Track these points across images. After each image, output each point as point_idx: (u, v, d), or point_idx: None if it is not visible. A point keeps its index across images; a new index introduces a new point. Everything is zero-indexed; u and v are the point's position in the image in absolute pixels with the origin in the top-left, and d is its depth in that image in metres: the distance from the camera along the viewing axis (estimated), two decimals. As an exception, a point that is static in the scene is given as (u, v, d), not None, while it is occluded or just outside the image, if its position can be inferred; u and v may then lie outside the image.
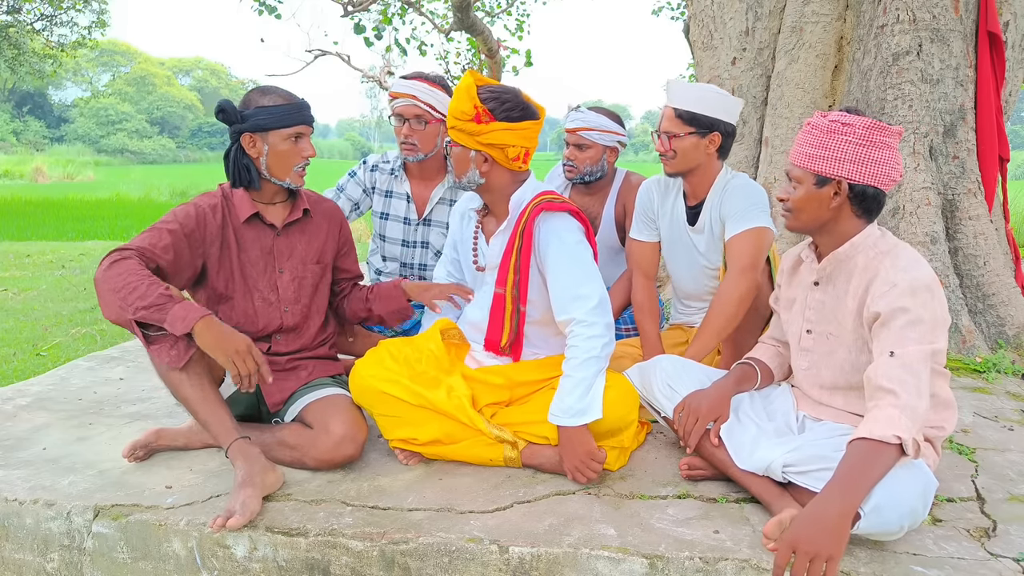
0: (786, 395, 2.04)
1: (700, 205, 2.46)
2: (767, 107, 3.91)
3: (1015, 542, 1.69)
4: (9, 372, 3.70)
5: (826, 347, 1.88)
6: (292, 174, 2.09)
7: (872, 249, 1.78)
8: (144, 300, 1.78)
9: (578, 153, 2.85)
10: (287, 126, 2.04)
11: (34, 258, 7.44)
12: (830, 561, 1.43)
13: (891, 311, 1.65)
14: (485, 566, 1.66)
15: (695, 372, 2.07)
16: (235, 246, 2.11)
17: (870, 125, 1.71)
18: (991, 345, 3.26)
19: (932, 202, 3.29)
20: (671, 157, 2.36)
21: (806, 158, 1.76)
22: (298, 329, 2.21)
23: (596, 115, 2.82)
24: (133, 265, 1.84)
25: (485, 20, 10.42)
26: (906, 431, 1.52)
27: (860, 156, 1.71)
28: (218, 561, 1.76)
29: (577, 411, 1.91)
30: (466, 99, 1.96)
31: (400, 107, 2.68)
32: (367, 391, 2.03)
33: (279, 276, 2.16)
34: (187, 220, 2.01)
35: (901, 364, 1.60)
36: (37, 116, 49.17)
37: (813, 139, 1.76)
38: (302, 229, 2.21)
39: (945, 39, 3.30)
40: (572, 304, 1.98)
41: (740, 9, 3.91)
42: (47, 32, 18.00)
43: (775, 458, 1.76)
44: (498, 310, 2.13)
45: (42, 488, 1.93)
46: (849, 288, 1.80)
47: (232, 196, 2.13)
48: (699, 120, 2.32)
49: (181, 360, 1.82)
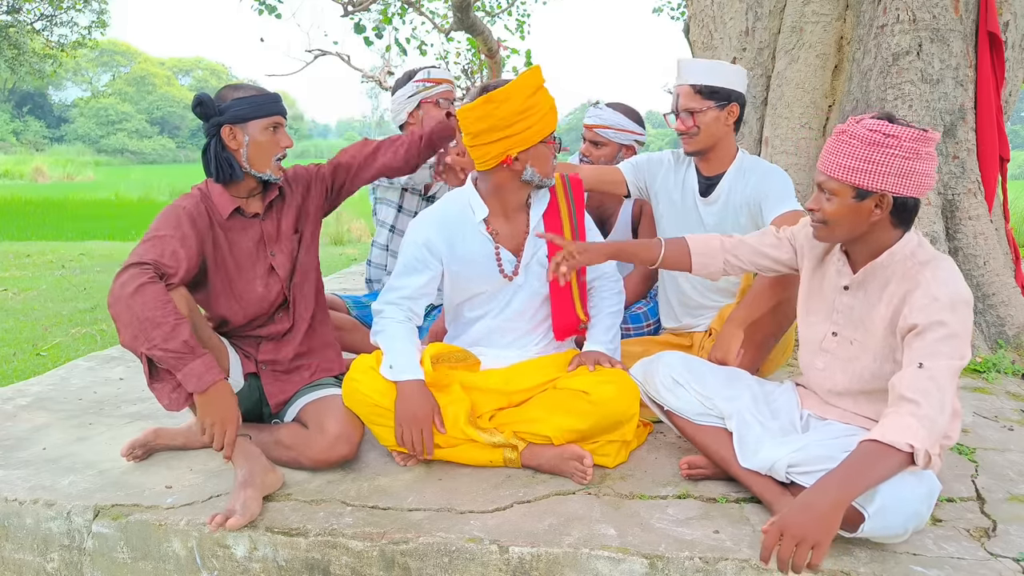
0: (790, 393, 2.03)
1: (715, 178, 2.45)
2: (767, 107, 3.90)
3: (1015, 542, 1.69)
4: (9, 372, 3.70)
5: (848, 352, 1.85)
6: (272, 165, 2.08)
7: (910, 259, 1.73)
8: (166, 343, 1.73)
9: (593, 150, 2.90)
10: (266, 115, 2.04)
11: (34, 258, 7.44)
12: (816, 548, 1.43)
13: (929, 324, 1.62)
14: (485, 566, 1.66)
15: (699, 367, 2.06)
16: (225, 243, 2.10)
17: (916, 136, 1.63)
18: (991, 345, 3.26)
19: (932, 202, 3.29)
20: (695, 133, 2.36)
21: (845, 170, 1.67)
22: (298, 300, 2.22)
23: (613, 113, 2.86)
24: (159, 293, 1.78)
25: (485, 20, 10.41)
26: (921, 441, 1.51)
27: (906, 169, 1.63)
28: (218, 561, 1.76)
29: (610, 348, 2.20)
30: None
31: (448, 91, 2.86)
32: (360, 403, 2.04)
33: (273, 260, 2.16)
34: (179, 224, 1.98)
35: (929, 376, 1.58)
36: (37, 116, 49.17)
37: (852, 150, 1.66)
38: (281, 206, 2.20)
39: (945, 39, 3.30)
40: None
41: (740, 9, 3.91)
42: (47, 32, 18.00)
43: (779, 457, 1.76)
44: (563, 295, 2.19)
45: (42, 488, 1.93)
46: (883, 296, 1.76)
47: (211, 194, 2.10)
48: (718, 93, 2.34)
49: (178, 406, 1.81)
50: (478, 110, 1.97)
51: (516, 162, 2.03)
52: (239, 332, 2.18)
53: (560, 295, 2.18)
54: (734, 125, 2.40)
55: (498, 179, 2.09)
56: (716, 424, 1.96)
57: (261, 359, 2.17)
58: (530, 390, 2.12)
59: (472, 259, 2.15)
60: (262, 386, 2.17)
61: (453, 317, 2.31)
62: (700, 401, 1.97)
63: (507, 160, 2.01)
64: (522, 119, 1.97)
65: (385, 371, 2.02)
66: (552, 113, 2.05)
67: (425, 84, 2.83)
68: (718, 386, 1.99)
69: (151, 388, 1.82)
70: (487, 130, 1.98)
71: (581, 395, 2.00)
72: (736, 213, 2.44)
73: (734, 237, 2.10)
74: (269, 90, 2.10)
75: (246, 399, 2.17)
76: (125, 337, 1.77)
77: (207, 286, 2.10)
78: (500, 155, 2.01)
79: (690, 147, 2.41)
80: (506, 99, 1.95)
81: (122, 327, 1.77)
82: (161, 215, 2.02)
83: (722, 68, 2.37)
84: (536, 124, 2.00)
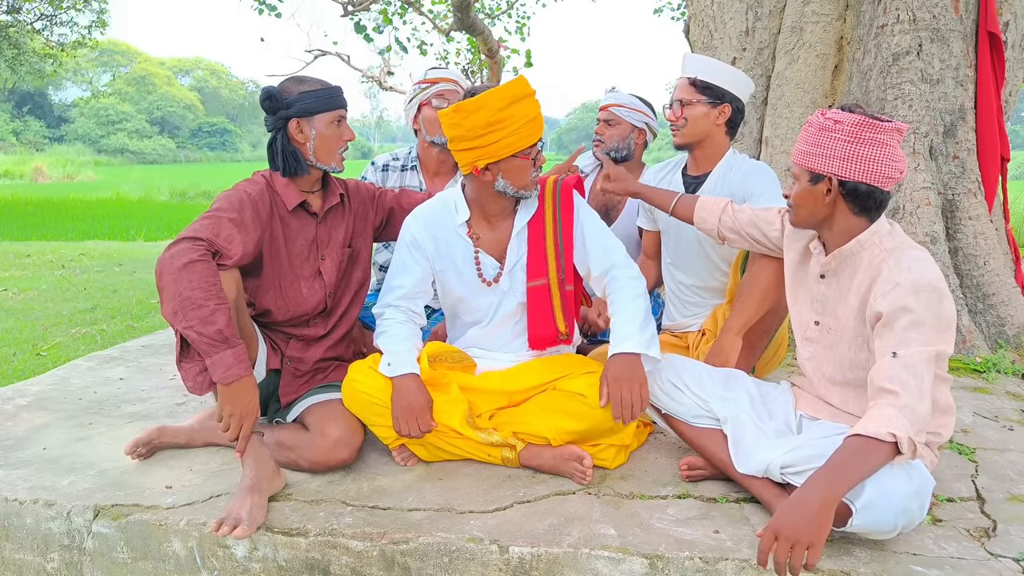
0: (786, 394, 2.04)
1: (702, 177, 2.48)
2: (767, 107, 3.90)
3: (1015, 542, 1.69)
4: (9, 372, 3.70)
5: (828, 340, 1.89)
6: (336, 157, 2.10)
7: (878, 247, 1.77)
8: (203, 327, 1.71)
9: (607, 128, 3.01)
10: (332, 109, 2.06)
11: (34, 258, 7.44)
12: (811, 547, 1.44)
13: (893, 311, 1.64)
14: (485, 566, 1.66)
15: (697, 370, 2.06)
16: (282, 235, 2.11)
17: (859, 122, 1.69)
18: (991, 345, 3.26)
19: (932, 202, 3.29)
20: (681, 125, 2.40)
21: (801, 155, 1.78)
22: (337, 311, 2.24)
23: (627, 95, 3.00)
24: (206, 273, 1.76)
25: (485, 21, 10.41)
26: (902, 430, 1.52)
27: (849, 153, 1.70)
28: (218, 561, 1.76)
29: (641, 341, 1.93)
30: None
31: (445, 89, 2.80)
32: (359, 403, 2.04)
33: (321, 263, 2.18)
34: (242, 208, 1.97)
35: (903, 365, 1.60)
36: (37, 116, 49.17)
37: (808, 136, 1.77)
38: (339, 215, 2.22)
39: (945, 39, 3.30)
40: (608, 253, 2.11)
41: (740, 9, 3.91)
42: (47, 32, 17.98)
43: (773, 459, 1.76)
44: (541, 303, 2.12)
45: (42, 488, 1.93)
46: (852, 285, 1.80)
47: (276, 185, 2.11)
48: (712, 89, 2.37)
49: (201, 391, 1.80)
50: (448, 118, 1.98)
51: (486, 172, 2.01)
52: (275, 326, 2.19)
53: (538, 303, 2.12)
54: (727, 126, 2.42)
55: (473, 186, 2.10)
56: (713, 427, 1.96)
57: (288, 355, 2.18)
58: (529, 390, 2.12)
59: (453, 260, 2.15)
60: (279, 382, 2.18)
61: (450, 321, 2.32)
62: (697, 404, 1.98)
63: (476, 170, 2.00)
64: (491, 131, 1.93)
65: (383, 368, 2.02)
66: (531, 126, 1.96)
67: (421, 86, 2.82)
68: (715, 388, 1.99)
69: (179, 366, 1.81)
70: (457, 138, 1.98)
71: (578, 398, 2.00)
72: None
73: (743, 206, 2.18)
74: (331, 83, 2.10)
75: (261, 391, 2.17)
76: (166, 310, 1.76)
77: (259, 276, 2.10)
78: (471, 164, 2.00)
79: (677, 139, 2.45)
80: (476, 110, 1.92)
81: (165, 299, 1.76)
82: (223, 196, 2.00)
83: (724, 69, 2.39)
84: (507, 138, 1.94)
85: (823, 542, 1.46)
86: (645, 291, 2.07)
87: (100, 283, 6.12)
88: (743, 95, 2.41)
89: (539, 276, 2.10)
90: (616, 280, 2.08)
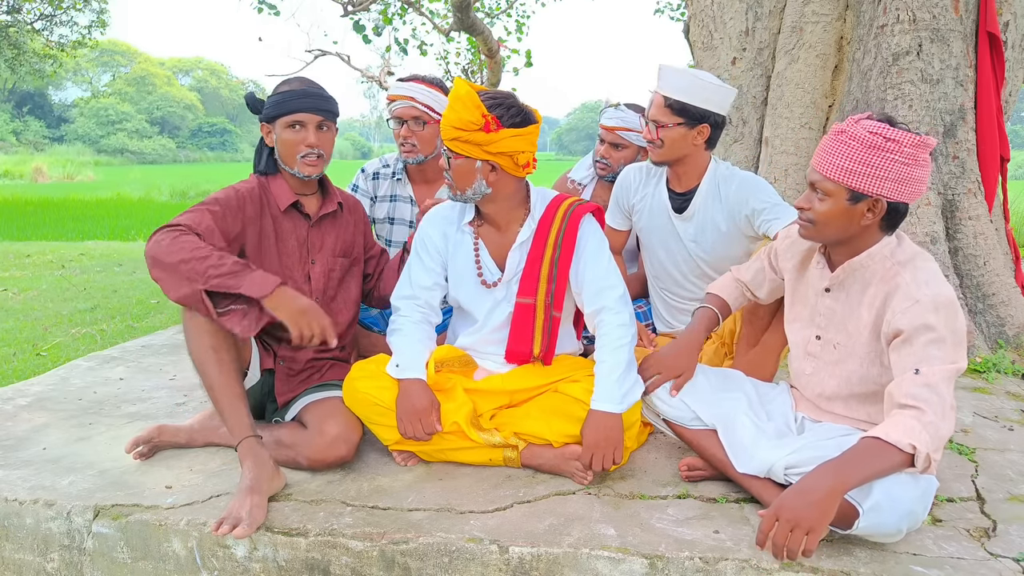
0: (785, 395, 2.03)
1: (689, 193, 2.45)
2: (767, 107, 3.91)
3: (1015, 542, 1.69)
4: (9, 372, 3.70)
5: (833, 356, 1.84)
6: (298, 163, 2.09)
7: (889, 259, 1.71)
8: (218, 269, 1.77)
9: (613, 152, 2.89)
10: (284, 114, 2.06)
11: (34, 258, 7.44)
12: (811, 533, 1.44)
13: (914, 328, 1.60)
14: (485, 566, 1.66)
15: (695, 375, 2.06)
16: (273, 234, 2.13)
17: (916, 142, 1.60)
18: (991, 345, 3.26)
19: (932, 202, 3.29)
20: (658, 146, 2.35)
21: (842, 172, 1.63)
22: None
23: (635, 115, 2.85)
24: (195, 239, 1.83)
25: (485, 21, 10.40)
26: (924, 445, 1.50)
27: (904, 175, 1.60)
28: (218, 561, 1.76)
29: (618, 397, 1.93)
30: (472, 108, 1.89)
31: (399, 109, 2.67)
32: (360, 402, 2.04)
33: (311, 267, 2.19)
34: (227, 202, 2.02)
35: (926, 383, 1.56)
36: (37, 116, 49.19)
37: (850, 151, 1.63)
38: (333, 222, 2.24)
39: (945, 39, 3.30)
40: (601, 294, 2.05)
41: (740, 9, 3.91)
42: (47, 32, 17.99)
43: (776, 460, 1.76)
44: (524, 321, 2.10)
45: (42, 488, 1.93)
46: (864, 299, 1.75)
47: (270, 184, 2.15)
48: (689, 111, 2.29)
49: (253, 328, 1.82)
50: None
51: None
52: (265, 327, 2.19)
53: (521, 320, 2.10)
54: (706, 144, 2.37)
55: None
56: (711, 428, 1.96)
57: (280, 354, 2.19)
58: (532, 390, 2.12)
59: (457, 257, 2.16)
60: (274, 382, 2.18)
61: (454, 318, 2.32)
62: (690, 410, 1.98)
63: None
64: None
65: (391, 369, 2.03)
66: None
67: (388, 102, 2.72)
68: (709, 393, 1.99)
69: (222, 323, 1.82)
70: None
71: (578, 403, 2.00)
72: (715, 227, 2.44)
73: (740, 270, 2.11)
74: (314, 87, 2.10)
75: (256, 393, 2.17)
76: (177, 281, 1.78)
77: None
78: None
79: (654, 157, 2.41)
80: None
81: (168, 273, 1.78)
82: (216, 192, 2.07)
83: (702, 86, 2.28)
84: None
85: (823, 529, 1.46)
86: (632, 338, 2.01)
87: (100, 283, 6.12)
88: (723, 109, 2.32)
89: (528, 294, 2.09)
90: (604, 325, 2.03)
